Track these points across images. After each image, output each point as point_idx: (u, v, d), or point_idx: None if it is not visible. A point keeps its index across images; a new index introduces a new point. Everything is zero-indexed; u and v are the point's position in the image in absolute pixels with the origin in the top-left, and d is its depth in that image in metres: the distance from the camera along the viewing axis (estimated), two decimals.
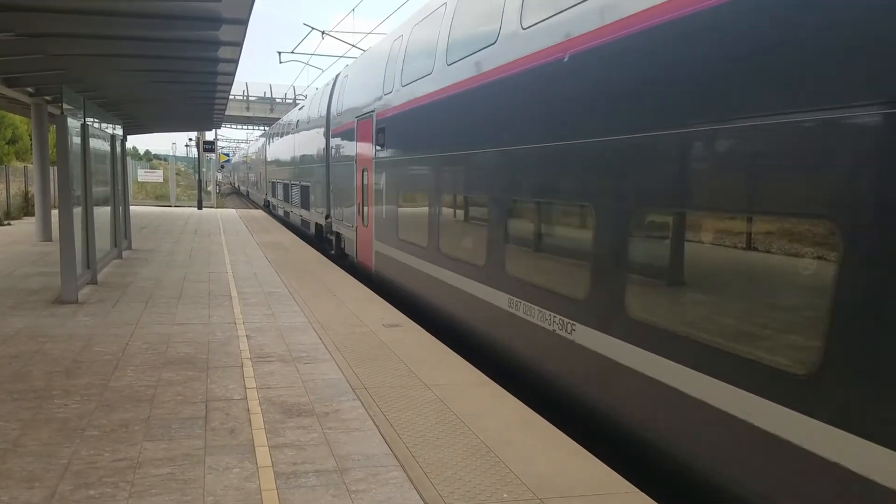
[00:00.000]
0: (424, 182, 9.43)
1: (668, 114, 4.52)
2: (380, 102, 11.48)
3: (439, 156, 8.86)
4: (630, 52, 4.93)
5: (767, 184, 3.79)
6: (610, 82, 5.20)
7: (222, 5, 7.93)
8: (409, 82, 10.02)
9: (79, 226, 9.82)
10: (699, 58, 4.28)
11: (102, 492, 3.89)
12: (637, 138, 4.85)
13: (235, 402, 5.47)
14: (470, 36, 8.01)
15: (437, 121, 8.98)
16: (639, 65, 4.84)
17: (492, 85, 7.26)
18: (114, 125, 14.33)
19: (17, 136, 33.48)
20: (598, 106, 5.39)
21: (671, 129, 4.48)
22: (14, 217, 23.04)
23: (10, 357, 6.53)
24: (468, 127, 7.99)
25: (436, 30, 9.16)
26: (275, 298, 9.87)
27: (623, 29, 4.99)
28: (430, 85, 9.11)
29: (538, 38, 6.23)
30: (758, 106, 3.81)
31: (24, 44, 10.01)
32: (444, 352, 7.28)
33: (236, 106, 60.29)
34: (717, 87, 4.13)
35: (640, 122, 4.82)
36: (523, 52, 6.51)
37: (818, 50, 3.50)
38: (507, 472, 4.31)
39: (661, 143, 4.58)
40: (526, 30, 6.49)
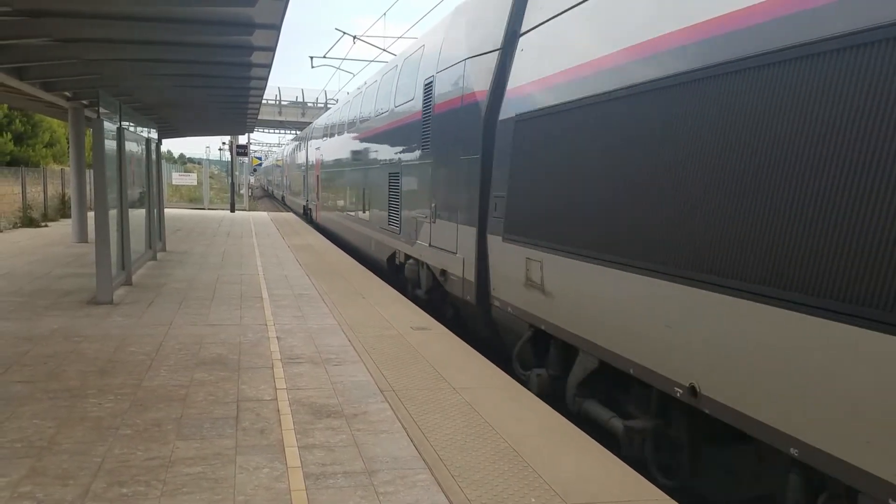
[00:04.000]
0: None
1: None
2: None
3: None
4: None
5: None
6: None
7: (256, 11, 8.02)
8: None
9: (114, 228, 9.98)
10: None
11: (135, 490, 3.95)
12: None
13: (266, 402, 5.53)
14: (373, 108, 14.75)
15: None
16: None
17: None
18: (149, 129, 14.56)
19: (54, 139, 34.21)
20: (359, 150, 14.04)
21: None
22: (51, 219, 23.51)
23: (46, 356, 6.66)
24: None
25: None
26: (305, 300, 9.95)
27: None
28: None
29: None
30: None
31: (60, 49, 10.23)
32: (471, 355, 7.27)
33: (269, 110, 60.98)
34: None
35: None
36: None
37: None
38: (535, 476, 4.29)
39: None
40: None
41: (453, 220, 8.89)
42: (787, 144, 3.69)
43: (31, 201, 22.46)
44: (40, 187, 24.17)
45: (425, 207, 10.14)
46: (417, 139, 10.66)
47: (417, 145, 10.66)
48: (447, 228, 9.14)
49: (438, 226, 9.52)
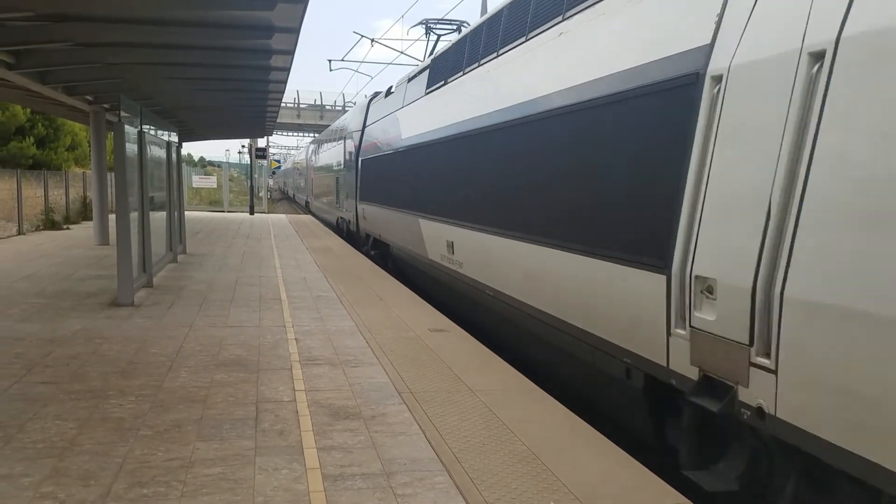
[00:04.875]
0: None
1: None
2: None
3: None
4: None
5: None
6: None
7: (275, 14, 8.07)
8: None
9: (135, 230, 10.06)
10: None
11: (155, 491, 3.98)
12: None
13: (285, 403, 5.55)
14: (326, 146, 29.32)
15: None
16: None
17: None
18: (169, 132, 14.69)
19: (76, 142, 34.52)
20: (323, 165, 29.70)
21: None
22: (73, 221, 23.77)
23: (68, 358, 6.73)
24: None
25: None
26: (323, 302, 9.99)
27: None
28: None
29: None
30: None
31: (82, 53, 10.36)
32: (489, 357, 7.26)
33: (287, 113, 61.23)
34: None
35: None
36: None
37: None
38: (554, 479, 4.27)
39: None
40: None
41: (352, 198, 20.06)
42: (510, 166, 7.81)
43: (53, 204, 22.72)
44: (62, 190, 24.44)
45: (340, 193, 23.25)
46: (346, 162, 21.97)
47: (342, 166, 22.78)
48: (346, 202, 21.47)
49: (342, 202, 22.65)
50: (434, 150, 10.91)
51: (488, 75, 9.11)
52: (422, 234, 11.64)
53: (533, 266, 7.01)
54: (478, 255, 8.77)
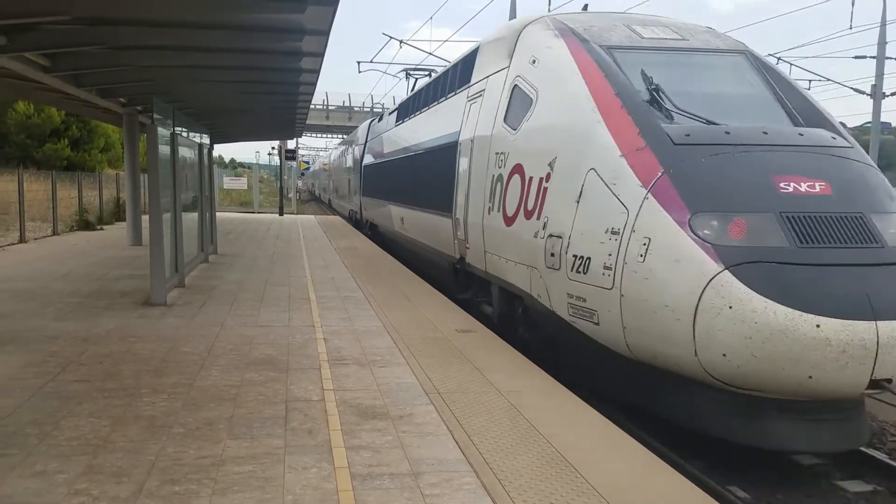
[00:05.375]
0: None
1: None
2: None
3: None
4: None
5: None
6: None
7: (305, 17, 8.12)
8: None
9: (168, 231, 10.19)
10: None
11: (187, 488, 4.03)
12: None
13: (313, 403, 5.59)
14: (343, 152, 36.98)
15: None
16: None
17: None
18: (201, 134, 14.86)
19: (109, 144, 35.11)
20: (340, 167, 37.41)
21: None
22: (106, 222, 24.13)
23: (102, 356, 6.85)
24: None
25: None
26: (351, 302, 10.04)
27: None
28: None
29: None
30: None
31: (116, 56, 10.51)
32: (517, 358, 7.25)
33: (316, 115, 61.63)
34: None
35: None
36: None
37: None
38: (583, 482, 4.25)
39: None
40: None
41: (354, 193, 27.49)
42: (408, 172, 15.72)
43: (86, 205, 23.11)
44: (96, 191, 24.86)
45: (350, 189, 29.36)
46: (351, 166, 29.25)
47: (352, 168, 28.66)
48: (352, 197, 28.46)
49: (352, 198, 28.61)
50: (393, 163, 18.09)
51: (407, 125, 16.87)
52: (391, 214, 17.81)
53: (422, 221, 13.73)
54: (407, 220, 15.66)
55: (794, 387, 5.43)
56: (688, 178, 6.13)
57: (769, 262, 5.55)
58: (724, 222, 5.81)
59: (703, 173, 6.18)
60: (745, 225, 5.79)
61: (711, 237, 5.72)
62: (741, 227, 5.78)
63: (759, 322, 5.30)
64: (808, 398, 5.63)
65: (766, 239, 5.71)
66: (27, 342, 7.30)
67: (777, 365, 5.34)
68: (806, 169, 6.23)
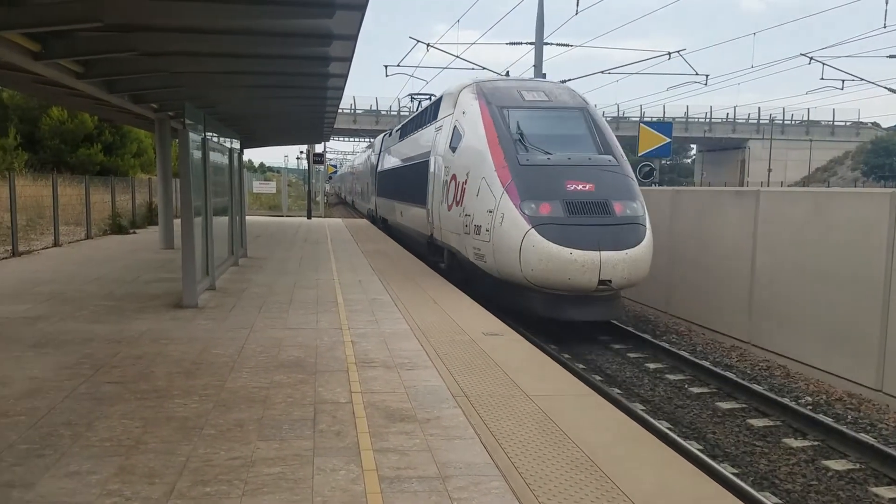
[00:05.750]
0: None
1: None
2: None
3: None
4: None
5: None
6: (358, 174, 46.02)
7: (333, 22, 8.18)
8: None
9: (199, 235, 10.30)
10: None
11: (218, 489, 4.07)
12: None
13: (342, 405, 5.62)
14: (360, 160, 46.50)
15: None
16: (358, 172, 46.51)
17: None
18: (231, 139, 15.02)
19: (141, 149, 35.60)
20: (357, 171, 47.17)
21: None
22: (138, 226, 24.49)
23: (135, 358, 6.95)
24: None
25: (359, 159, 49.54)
26: (378, 305, 10.08)
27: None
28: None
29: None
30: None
31: (147, 62, 10.68)
32: (545, 362, 7.22)
33: (344, 119, 62.11)
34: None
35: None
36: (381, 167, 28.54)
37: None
38: (613, 487, 4.22)
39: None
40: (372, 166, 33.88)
41: (373, 195, 31.04)
42: (401, 177, 21.70)
43: (119, 209, 23.46)
44: (128, 195, 25.23)
45: (369, 191, 33.81)
46: (368, 171, 34.54)
47: (369, 174, 33.97)
48: (369, 198, 33.21)
49: (369, 198, 33.26)
50: (395, 170, 23.08)
51: (404, 142, 21.50)
52: (394, 209, 22.58)
53: (411, 212, 18.30)
54: (403, 213, 20.20)
55: (563, 284, 10.65)
56: (522, 183, 11.34)
57: (553, 224, 10.78)
58: (536, 205, 11.02)
59: (529, 181, 11.39)
60: (546, 206, 11.00)
61: (528, 213, 10.95)
62: (544, 207, 10.99)
63: (546, 253, 10.57)
64: (571, 292, 10.75)
65: (554, 213, 10.93)
66: (62, 344, 7.43)
67: (555, 274, 10.59)
68: (583, 177, 11.42)
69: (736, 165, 73.72)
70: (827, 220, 9.77)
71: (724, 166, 76.28)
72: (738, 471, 6.82)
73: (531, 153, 11.85)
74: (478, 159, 12.33)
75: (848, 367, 9.21)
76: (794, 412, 8.15)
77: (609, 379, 9.93)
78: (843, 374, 9.30)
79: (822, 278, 9.75)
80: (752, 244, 11.30)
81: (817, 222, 9.95)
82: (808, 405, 8.67)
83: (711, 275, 12.44)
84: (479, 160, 12.28)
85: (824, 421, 7.81)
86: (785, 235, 10.58)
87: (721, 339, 12.00)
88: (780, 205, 10.93)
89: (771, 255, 10.85)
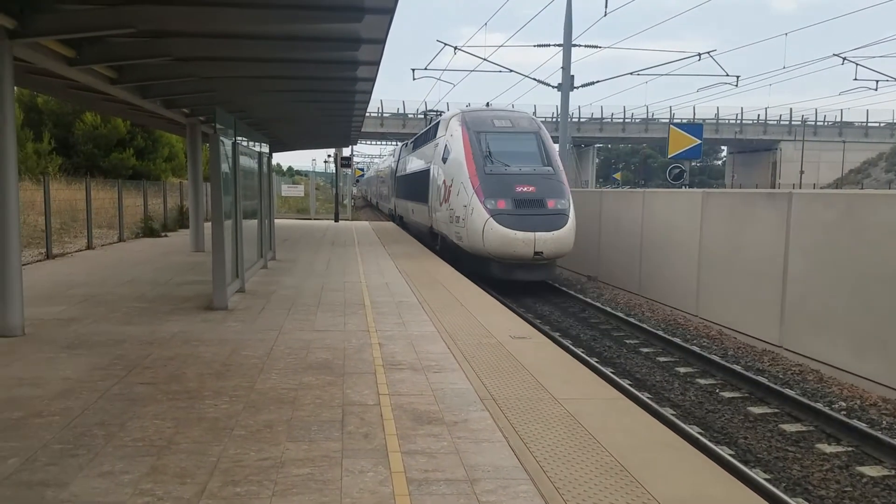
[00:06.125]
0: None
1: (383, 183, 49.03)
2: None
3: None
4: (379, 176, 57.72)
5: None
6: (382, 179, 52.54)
7: (362, 26, 8.24)
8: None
9: (229, 238, 10.41)
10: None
11: (248, 489, 4.11)
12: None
13: (369, 407, 5.63)
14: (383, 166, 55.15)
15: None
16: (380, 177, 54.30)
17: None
18: (261, 143, 15.16)
19: (172, 153, 36.08)
20: (380, 175, 55.94)
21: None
22: (170, 229, 24.81)
23: (167, 359, 7.03)
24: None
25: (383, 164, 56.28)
26: (405, 308, 10.10)
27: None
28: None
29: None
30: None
31: (179, 67, 10.82)
32: (574, 365, 7.17)
33: (371, 122, 62.40)
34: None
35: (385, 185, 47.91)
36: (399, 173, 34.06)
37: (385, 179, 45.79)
38: (643, 492, 4.18)
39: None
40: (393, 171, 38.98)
41: (393, 196, 36.99)
42: (407, 182, 29.11)
43: (151, 212, 23.80)
44: (160, 199, 25.59)
45: (390, 193, 39.88)
46: (389, 176, 40.61)
47: (390, 178, 40.04)
48: (390, 199, 38.72)
49: (390, 199, 38.96)
50: (408, 176, 28.04)
51: (415, 153, 26.46)
52: (407, 208, 28.08)
53: (419, 209, 23.89)
54: (414, 210, 25.35)
55: (511, 255, 15.73)
56: (486, 186, 16.31)
57: (505, 215, 15.83)
58: (494, 202, 15.99)
59: (491, 185, 16.34)
60: (501, 202, 16.00)
61: (489, 207, 15.95)
62: (500, 203, 15.99)
63: (500, 234, 15.68)
64: (517, 260, 15.80)
65: (506, 207, 15.99)
66: (95, 345, 7.55)
67: (505, 248, 15.73)
68: (529, 182, 16.41)
69: (767, 167, 72.77)
70: (861, 222, 9.62)
71: (755, 168, 75.34)
72: (771, 476, 6.73)
73: (495, 165, 16.99)
74: (459, 169, 17.42)
75: (878, 370, 9.06)
76: (828, 416, 8.01)
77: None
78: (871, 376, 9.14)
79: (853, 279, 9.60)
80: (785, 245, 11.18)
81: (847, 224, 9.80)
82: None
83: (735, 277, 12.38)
84: (459, 170, 17.36)
85: (858, 426, 7.67)
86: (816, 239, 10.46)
87: (753, 344, 11.84)
88: (810, 207, 10.79)
89: (805, 258, 10.71)
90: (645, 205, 16.57)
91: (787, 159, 70.06)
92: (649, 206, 16.40)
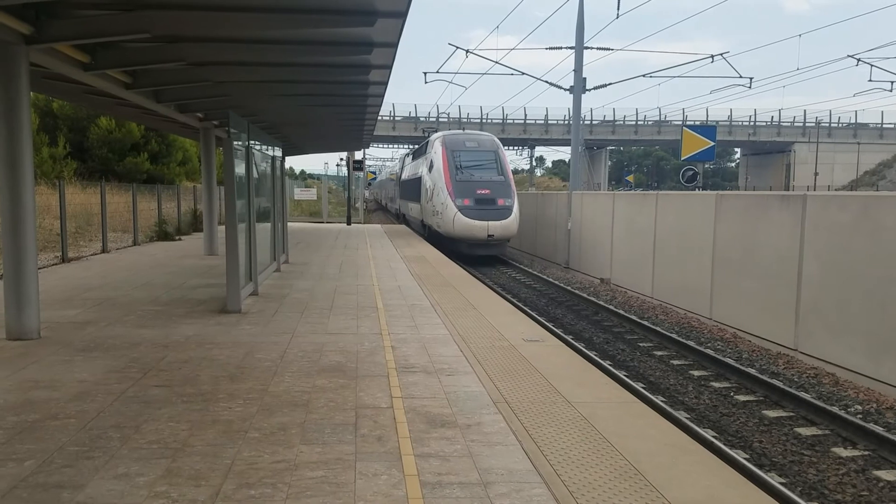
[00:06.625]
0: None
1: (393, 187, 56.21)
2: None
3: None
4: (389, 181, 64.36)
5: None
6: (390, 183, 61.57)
7: (374, 30, 8.26)
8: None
9: (243, 241, 10.44)
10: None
11: (262, 492, 4.12)
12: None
13: (382, 410, 5.64)
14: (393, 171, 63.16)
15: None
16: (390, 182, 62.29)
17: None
18: (274, 147, 15.21)
19: (186, 157, 36.30)
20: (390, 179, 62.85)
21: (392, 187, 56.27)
22: (184, 232, 24.95)
23: (181, 362, 7.07)
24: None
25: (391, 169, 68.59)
26: (418, 311, 10.10)
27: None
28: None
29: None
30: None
31: (193, 72, 10.89)
32: (587, 368, 7.15)
33: (383, 126, 62.53)
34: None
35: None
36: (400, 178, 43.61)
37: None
38: (658, 496, 4.16)
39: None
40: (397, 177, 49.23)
41: (398, 198, 45.04)
42: (404, 186, 39.42)
43: (165, 216, 23.93)
44: (174, 203, 25.74)
45: (395, 195, 48.68)
46: (395, 180, 51.39)
47: (396, 183, 49.54)
48: (396, 200, 46.80)
49: (395, 200, 48.12)
50: (407, 181, 36.01)
51: (413, 163, 34.81)
52: (408, 207, 34.89)
53: (415, 207, 31.30)
54: (412, 208, 33.22)
55: (471, 237, 23.71)
56: (456, 190, 24.24)
57: (468, 209, 23.73)
58: (461, 200, 23.91)
59: (460, 188, 24.26)
60: (466, 201, 23.88)
61: (458, 204, 23.85)
62: (465, 201, 23.86)
63: (464, 222, 23.62)
64: (476, 241, 23.75)
65: (469, 204, 23.82)
66: (110, 348, 7.60)
67: (467, 232, 23.62)
68: (486, 187, 24.37)
69: (781, 169, 72.31)
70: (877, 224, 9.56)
71: (768, 170, 74.90)
72: (787, 480, 6.68)
73: (464, 174, 24.62)
74: (439, 176, 25.08)
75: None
76: (844, 420, 7.95)
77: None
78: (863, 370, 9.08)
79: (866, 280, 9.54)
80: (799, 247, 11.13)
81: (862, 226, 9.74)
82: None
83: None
84: (439, 177, 25.02)
85: (875, 430, 7.60)
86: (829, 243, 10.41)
87: (768, 347, 11.78)
88: (824, 210, 10.73)
89: (819, 262, 10.65)
90: (658, 207, 16.66)
91: (801, 161, 69.60)
92: (662, 208, 16.44)
